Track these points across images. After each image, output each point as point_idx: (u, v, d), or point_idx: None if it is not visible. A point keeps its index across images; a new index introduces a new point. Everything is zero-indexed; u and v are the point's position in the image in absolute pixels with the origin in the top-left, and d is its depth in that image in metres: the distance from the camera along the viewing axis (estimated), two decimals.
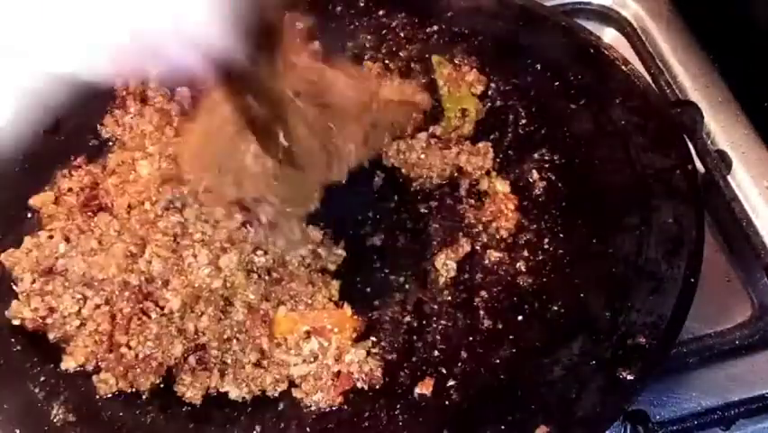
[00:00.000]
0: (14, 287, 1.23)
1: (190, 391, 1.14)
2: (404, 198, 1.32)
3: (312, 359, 1.14)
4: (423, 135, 1.34)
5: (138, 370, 1.14)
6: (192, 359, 1.15)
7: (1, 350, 1.18)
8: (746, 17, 1.53)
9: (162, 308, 1.18)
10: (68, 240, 1.25)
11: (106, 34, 0.91)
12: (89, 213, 1.28)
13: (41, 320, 1.19)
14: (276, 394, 1.13)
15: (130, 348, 1.16)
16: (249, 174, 1.14)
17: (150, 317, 1.17)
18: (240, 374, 1.13)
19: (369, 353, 1.14)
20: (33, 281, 1.22)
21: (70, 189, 1.33)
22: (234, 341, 1.16)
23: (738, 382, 1.19)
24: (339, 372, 1.13)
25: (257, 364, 1.14)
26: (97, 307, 1.19)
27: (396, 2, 1.51)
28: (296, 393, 1.13)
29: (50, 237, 1.26)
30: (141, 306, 1.18)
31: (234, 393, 1.13)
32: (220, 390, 1.14)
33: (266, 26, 0.98)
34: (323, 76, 1.19)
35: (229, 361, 1.15)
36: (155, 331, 1.16)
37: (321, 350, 1.14)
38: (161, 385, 1.15)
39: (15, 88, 0.96)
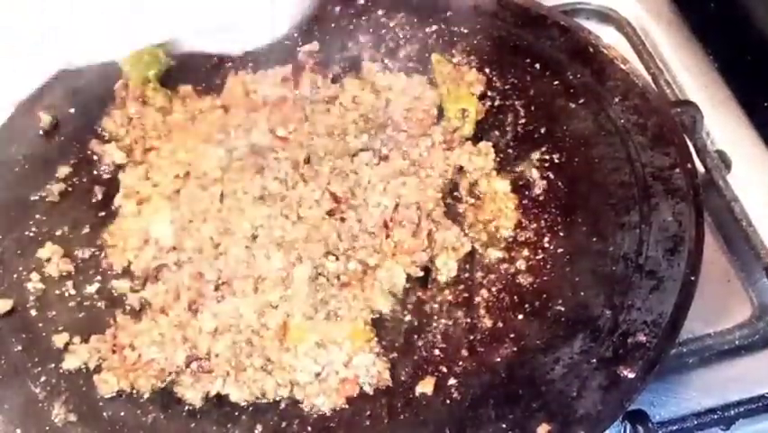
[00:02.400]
0: None
1: (190, 392, 1.13)
2: None
3: (320, 367, 1.13)
4: (429, 135, 1.34)
5: (139, 372, 1.14)
6: (194, 365, 1.15)
7: (1, 350, 1.18)
8: (746, 17, 1.53)
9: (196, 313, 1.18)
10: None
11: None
12: None
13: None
14: (278, 398, 1.13)
15: (134, 349, 1.16)
16: None
17: (167, 314, 1.18)
18: (242, 377, 1.13)
19: (377, 355, 1.14)
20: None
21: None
22: (243, 346, 1.16)
23: (738, 381, 1.20)
24: (346, 378, 1.13)
25: (261, 369, 1.14)
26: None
27: (395, 1, 1.51)
28: (298, 395, 1.13)
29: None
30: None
31: (235, 396, 1.13)
32: (221, 393, 1.13)
33: None
34: None
35: (233, 364, 1.14)
36: (157, 336, 1.16)
37: (330, 358, 1.13)
38: (162, 386, 1.15)
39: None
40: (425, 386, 1.11)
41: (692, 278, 1.11)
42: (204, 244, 1.23)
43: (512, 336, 1.14)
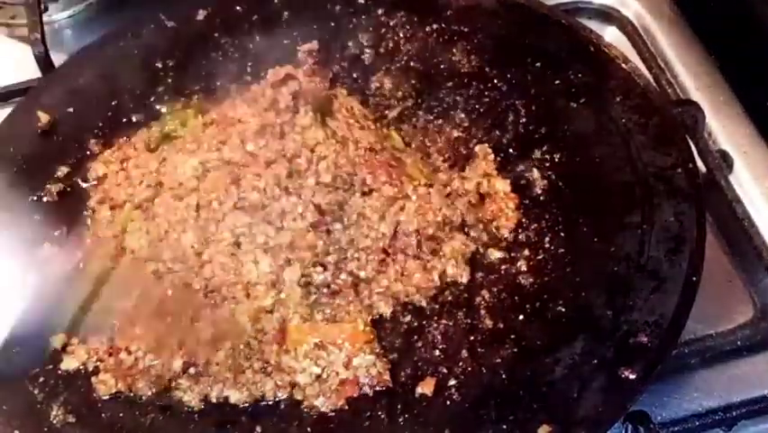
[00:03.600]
0: None
1: (188, 395, 1.13)
2: None
3: (320, 369, 1.13)
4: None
5: (137, 377, 1.14)
6: (192, 370, 1.15)
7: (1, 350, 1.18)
8: (748, 16, 1.53)
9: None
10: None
11: None
12: None
13: None
14: (277, 399, 1.13)
15: (129, 353, 1.15)
16: None
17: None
18: (241, 379, 1.13)
19: (377, 355, 1.14)
20: None
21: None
22: (242, 349, 1.15)
23: (740, 382, 1.19)
24: (346, 379, 1.12)
25: (260, 371, 1.14)
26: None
27: (395, 1, 1.51)
28: (297, 396, 1.12)
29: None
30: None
31: (234, 397, 1.12)
32: (220, 396, 1.13)
33: None
34: None
35: (232, 368, 1.14)
36: (153, 342, 1.15)
37: (330, 359, 1.13)
38: (161, 389, 1.15)
39: None
40: (426, 387, 1.10)
41: (694, 278, 1.10)
42: (186, 254, 1.22)
43: (513, 336, 1.13)
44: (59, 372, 1.17)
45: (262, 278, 1.18)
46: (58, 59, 1.60)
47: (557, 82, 1.37)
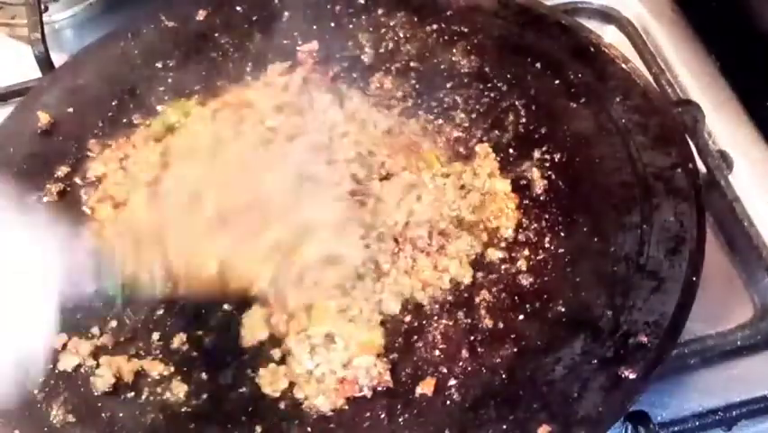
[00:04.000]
0: None
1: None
2: None
3: (319, 367, 1.13)
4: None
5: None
6: None
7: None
8: (749, 17, 1.53)
9: None
10: None
11: None
12: None
13: None
14: (276, 395, 1.13)
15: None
16: None
17: None
18: None
19: (378, 356, 1.13)
20: None
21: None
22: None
23: (740, 382, 1.19)
24: (345, 378, 1.12)
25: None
26: None
27: (395, 1, 1.51)
28: (297, 394, 1.12)
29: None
30: None
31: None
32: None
33: None
34: None
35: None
36: None
37: (330, 357, 1.13)
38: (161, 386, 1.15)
39: None
40: (426, 387, 1.10)
41: (694, 278, 1.10)
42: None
43: (512, 336, 1.13)
44: (58, 371, 1.16)
45: None
46: (58, 59, 1.60)
47: (557, 82, 1.37)
